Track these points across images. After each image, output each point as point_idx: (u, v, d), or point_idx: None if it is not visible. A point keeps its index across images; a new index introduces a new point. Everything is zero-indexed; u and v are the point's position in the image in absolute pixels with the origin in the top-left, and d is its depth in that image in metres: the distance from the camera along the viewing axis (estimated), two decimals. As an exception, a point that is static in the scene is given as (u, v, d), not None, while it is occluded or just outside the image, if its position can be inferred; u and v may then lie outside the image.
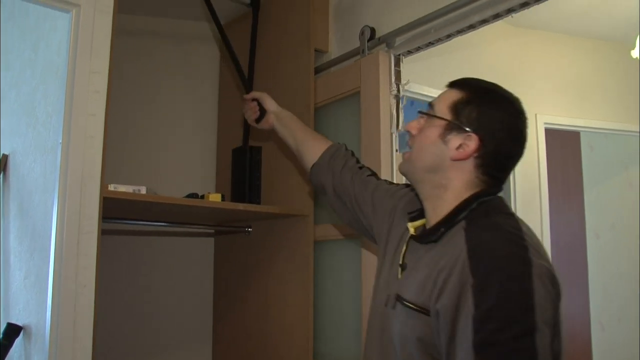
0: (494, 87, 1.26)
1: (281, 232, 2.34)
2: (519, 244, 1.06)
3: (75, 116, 1.67)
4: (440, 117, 1.21)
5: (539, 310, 0.98)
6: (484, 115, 1.19)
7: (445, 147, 1.20)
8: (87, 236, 1.65)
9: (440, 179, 1.21)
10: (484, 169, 1.19)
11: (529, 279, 1.00)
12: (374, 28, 2.20)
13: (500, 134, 1.19)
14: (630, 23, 3.07)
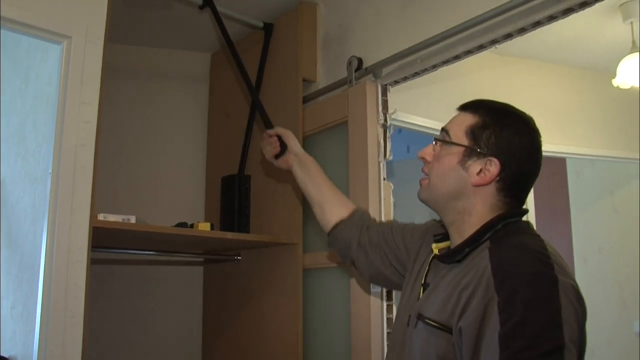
0: (507, 108, 1.27)
1: (270, 260, 2.35)
2: (545, 262, 1.05)
3: (65, 146, 1.68)
4: (458, 143, 1.21)
5: (567, 327, 0.97)
6: (502, 139, 1.19)
7: (465, 173, 1.19)
8: (76, 265, 1.65)
9: (463, 204, 1.20)
10: (506, 191, 1.19)
11: (556, 296, 0.99)
12: (361, 58, 2.23)
13: (520, 156, 1.19)
14: (612, 53, 3.14)
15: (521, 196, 1.22)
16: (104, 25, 1.81)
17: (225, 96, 2.83)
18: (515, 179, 1.19)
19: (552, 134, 3.58)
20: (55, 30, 1.71)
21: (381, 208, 2.06)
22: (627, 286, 4.05)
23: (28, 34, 1.70)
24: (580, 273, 4.27)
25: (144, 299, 2.63)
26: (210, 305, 2.71)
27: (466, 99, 3.26)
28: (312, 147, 2.36)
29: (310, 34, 2.48)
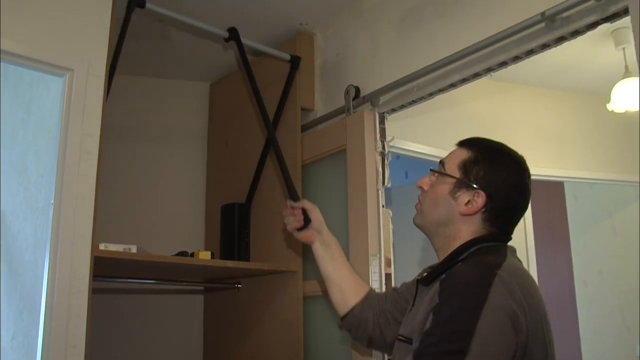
0: (499, 147, 1.36)
1: (270, 288, 2.35)
2: (486, 275, 1.12)
3: (67, 177, 1.70)
4: (450, 175, 1.31)
5: (480, 339, 1.03)
6: (490, 174, 1.28)
7: (454, 203, 1.28)
8: (78, 295, 1.66)
9: (450, 231, 1.29)
10: (491, 222, 1.28)
11: (479, 308, 1.06)
12: (358, 87, 2.27)
13: (506, 191, 1.28)
14: (606, 78, 3.17)
15: (507, 228, 1.31)
16: (106, 58, 1.84)
17: (224, 125, 2.86)
18: (500, 212, 1.28)
19: (549, 158, 3.60)
20: (57, 64, 1.74)
21: (380, 235, 2.08)
22: (628, 309, 4.04)
23: (31, 67, 1.73)
24: (581, 296, 4.26)
25: (145, 327, 2.63)
26: (211, 333, 2.70)
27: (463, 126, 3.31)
28: (311, 175, 2.38)
29: (308, 63, 2.52)
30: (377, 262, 2.07)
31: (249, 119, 2.65)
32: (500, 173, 1.28)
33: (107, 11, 1.88)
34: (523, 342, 1.08)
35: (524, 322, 1.09)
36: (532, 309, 1.12)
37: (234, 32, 2.23)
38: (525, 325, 1.09)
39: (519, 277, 1.17)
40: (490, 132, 3.50)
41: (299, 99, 2.41)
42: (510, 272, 1.16)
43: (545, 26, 1.67)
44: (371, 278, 2.04)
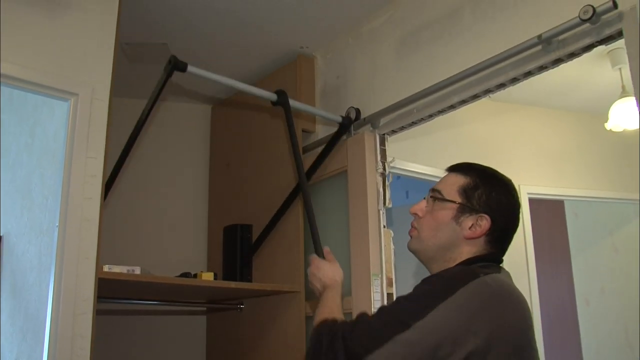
0: (494, 172, 1.40)
1: (273, 308, 2.36)
2: (469, 275, 1.18)
3: (71, 199, 1.72)
4: (452, 200, 1.33)
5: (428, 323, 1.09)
6: (492, 199, 1.32)
7: (458, 227, 1.31)
8: (82, 317, 1.67)
9: (452, 254, 1.32)
10: (493, 243, 1.32)
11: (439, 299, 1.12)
12: (358, 109, 2.30)
13: (506, 213, 1.33)
14: (604, 97, 3.21)
15: (503, 247, 1.36)
16: (110, 82, 1.88)
17: (225, 147, 2.89)
18: (502, 233, 1.33)
19: (549, 177, 3.63)
20: (63, 88, 1.77)
21: (382, 255, 2.09)
22: (631, 327, 4.03)
23: (37, 92, 1.76)
24: (584, 315, 4.25)
25: (148, 348, 2.63)
26: (214, 354, 2.71)
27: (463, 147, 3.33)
28: (313, 197, 2.39)
29: (309, 86, 2.55)
30: (379, 282, 2.08)
31: (250, 141, 2.68)
32: (500, 197, 1.33)
33: (111, 37, 1.92)
34: (479, 347, 1.10)
35: (486, 328, 1.11)
36: (505, 320, 1.15)
37: (283, 95, 2.07)
38: (486, 332, 1.11)
39: (502, 289, 1.20)
40: (490, 152, 3.56)
41: (300, 121, 2.44)
42: (495, 281, 1.20)
43: (542, 49, 1.70)
44: (373, 298, 2.05)
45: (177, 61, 1.85)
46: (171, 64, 1.85)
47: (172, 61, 1.85)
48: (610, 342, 4.08)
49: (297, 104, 2.16)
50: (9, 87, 1.72)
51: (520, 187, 3.46)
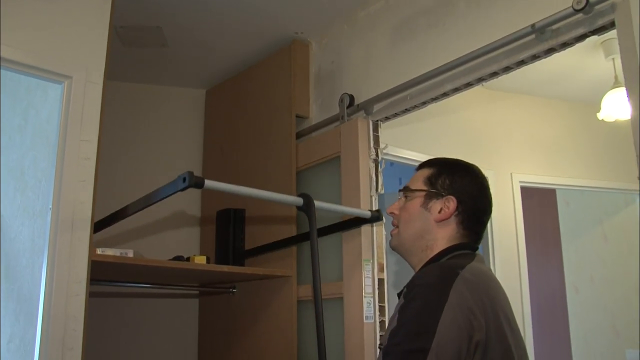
0: (457, 160, 1.48)
1: (265, 292, 2.38)
2: (448, 276, 1.20)
3: (65, 182, 1.73)
4: (418, 189, 1.41)
5: (440, 337, 1.10)
6: (455, 182, 1.40)
7: (428, 213, 1.38)
8: (75, 299, 1.69)
9: (427, 241, 1.38)
10: (464, 224, 1.38)
11: (440, 308, 1.13)
12: (352, 95, 2.30)
13: (472, 193, 1.40)
14: (597, 87, 3.22)
15: (478, 229, 1.41)
16: (104, 65, 1.88)
17: (220, 132, 2.89)
18: (471, 213, 1.39)
19: (541, 166, 3.65)
20: (56, 71, 1.77)
21: (374, 241, 2.11)
22: (619, 315, 4.08)
23: (30, 74, 1.76)
24: (573, 302, 4.30)
25: (141, 331, 2.65)
26: (206, 337, 2.73)
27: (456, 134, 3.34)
28: (306, 182, 2.41)
29: (303, 71, 2.55)
30: (371, 268, 2.10)
31: (245, 126, 2.68)
32: (462, 179, 1.41)
33: (106, 20, 1.91)
34: (483, 340, 1.14)
35: (483, 321, 1.15)
36: (492, 309, 1.20)
37: (307, 199, 1.85)
38: (484, 323, 1.15)
39: (480, 278, 1.25)
40: (483, 140, 3.57)
41: (294, 106, 2.44)
42: (473, 273, 1.24)
43: (535, 38, 1.71)
44: (364, 283, 2.07)
45: (193, 177, 1.67)
46: (186, 182, 1.67)
47: (186, 179, 1.67)
48: (598, 329, 4.13)
49: (323, 204, 1.93)
50: (3, 70, 1.72)
51: (513, 176, 3.48)
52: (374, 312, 2.07)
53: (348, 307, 2.11)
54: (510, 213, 3.49)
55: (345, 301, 2.12)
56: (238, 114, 2.75)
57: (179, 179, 1.65)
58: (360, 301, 2.06)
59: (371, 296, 2.08)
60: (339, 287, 2.16)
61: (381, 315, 2.09)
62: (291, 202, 1.88)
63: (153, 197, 1.78)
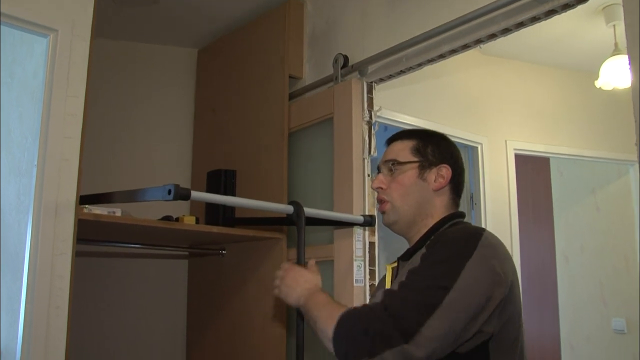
0: (430, 131, 1.53)
1: (255, 254, 2.36)
2: (473, 236, 1.23)
3: (51, 139, 1.69)
4: (411, 161, 1.42)
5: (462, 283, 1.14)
6: (443, 150, 1.45)
7: (425, 183, 1.41)
8: (61, 257, 1.66)
9: (426, 209, 1.41)
10: (455, 189, 1.44)
11: (465, 260, 1.17)
12: (347, 56, 2.25)
13: (457, 159, 1.46)
14: (595, 54, 3.18)
15: (460, 193, 1.47)
16: (91, 19, 1.82)
17: (211, 92, 2.84)
18: (459, 179, 1.46)
19: (536, 134, 3.62)
20: (41, 23, 1.71)
21: (365, 203, 2.09)
22: (607, 284, 4.11)
23: (14, 26, 1.70)
24: (562, 271, 4.33)
25: (129, 291, 2.64)
26: (195, 298, 2.72)
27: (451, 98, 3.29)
28: (298, 143, 2.38)
29: (297, 31, 2.49)
30: (362, 231, 2.08)
31: (237, 86, 2.64)
32: (447, 147, 1.46)
33: (93, -29, 1.85)
34: (504, 296, 1.19)
35: (504, 279, 1.20)
36: (509, 269, 1.24)
37: (297, 206, 1.80)
38: (506, 280, 1.20)
39: (498, 241, 1.29)
40: (478, 106, 3.54)
41: (287, 66, 2.40)
42: (493, 237, 1.28)
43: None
44: (355, 246, 2.06)
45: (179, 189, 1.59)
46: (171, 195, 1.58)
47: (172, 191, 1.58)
48: (586, 298, 4.17)
49: (314, 211, 1.88)
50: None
51: (507, 143, 3.46)
52: (364, 276, 2.06)
53: (338, 270, 2.10)
54: (503, 181, 3.47)
55: (336, 264, 2.11)
56: (230, 74, 2.70)
57: (164, 190, 1.59)
58: (351, 264, 2.05)
59: (362, 259, 2.07)
60: (329, 250, 2.14)
61: (371, 278, 2.08)
62: (281, 210, 1.82)
63: (137, 196, 1.73)
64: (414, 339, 1.09)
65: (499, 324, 1.19)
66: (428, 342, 1.09)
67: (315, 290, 1.42)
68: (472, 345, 1.17)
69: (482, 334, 1.17)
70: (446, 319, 1.11)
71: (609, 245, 4.12)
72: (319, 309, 1.31)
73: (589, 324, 4.12)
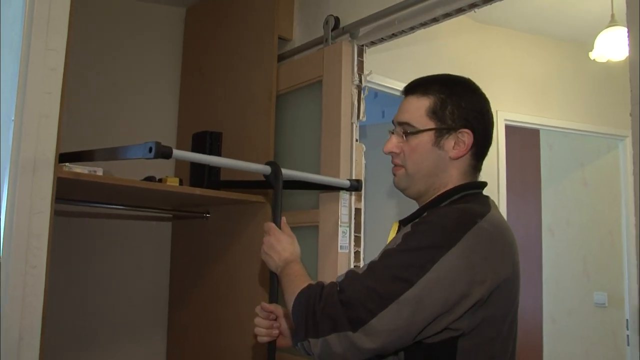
0: (453, 78, 1.32)
1: (239, 218, 2.33)
2: (466, 222, 1.12)
3: (29, 93, 1.63)
4: (426, 129, 1.25)
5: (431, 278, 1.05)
6: (464, 110, 1.25)
7: (442, 151, 1.25)
8: (39, 216, 1.62)
9: (441, 178, 1.26)
10: (478, 155, 1.28)
11: (445, 250, 1.07)
12: (338, 17, 2.20)
13: (482, 119, 1.27)
14: (590, 25, 3.13)
15: (485, 154, 1.31)
16: (73, -31, 1.74)
17: (199, 52, 2.78)
18: (484, 142, 1.28)
19: (527, 105, 3.59)
20: (18, -30, 1.64)
21: (352, 168, 2.05)
22: (590, 259, 4.14)
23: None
24: (547, 245, 4.35)
25: (111, 253, 2.60)
26: (178, 262, 2.70)
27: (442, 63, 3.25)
28: (286, 106, 2.34)
29: (288, -9, 2.43)
30: (348, 196, 2.05)
31: (225, 46, 2.57)
32: (471, 104, 1.26)
33: None
34: (484, 296, 1.09)
35: (489, 278, 1.10)
36: (503, 265, 1.14)
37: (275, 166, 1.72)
38: (490, 280, 1.09)
39: (498, 230, 1.17)
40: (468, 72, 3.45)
41: (277, 27, 2.33)
42: (492, 224, 1.16)
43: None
44: (340, 212, 2.03)
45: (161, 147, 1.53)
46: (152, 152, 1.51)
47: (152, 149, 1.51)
48: (569, 272, 4.20)
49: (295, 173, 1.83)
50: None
51: (498, 113, 3.43)
52: (349, 242, 2.04)
53: (323, 235, 2.07)
54: (493, 151, 3.41)
55: (321, 230, 2.08)
56: (219, 34, 2.63)
57: (145, 147, 1.51)
58: (336, 230, 2.02)
59: (347, 225, 2.04)
60: (314, 215, 2.11)
61: (356, 245, 2.05)
62: (258, 170, 1.74)
63: (118, 154, 1.67)
64: (363, 328, 1.04)
65: (473, 324, 1.10)
66: (377, 335, 1.04)
67: (290, 260, 1.38)
68: (437, 339, 1.10)
69: (451, 331, 1.09)
70: (400, 315, 1.04)
71: (595, 220, 4.13)
72: (289, 280, 1.29)
73: (572, 297, 4.16)
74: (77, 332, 2.47)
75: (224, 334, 2.33)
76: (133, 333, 2.65)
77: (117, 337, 2.61)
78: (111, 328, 2.58)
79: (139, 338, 2.67)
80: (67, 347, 2.42)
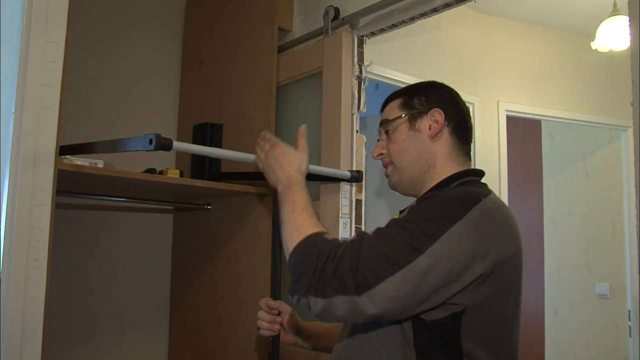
0: (423, 82, 1.45)
1: (240, 210, 2.33)
2: (471, 199, 1.15)
3: (29, 86, 1.63)
4: (398, 117, 1.37)
5: (439, 247, 1.06)
6: (431, 96, 1.38)
7: (419, 133, 1.35)
8: (40, 209, 1.62)
9: (426, 160, 1.34)
10: (457, 133, 1.36)
11: (451, 222, 1.09)
12: (338, 8, 2.19)
13: (450, 101, 1.38)
14: (592, 15, 3.12)
15: (468, 138, 1.39)
16: (72, -39, 1.74)
17: (199, 43, 2.77)
18: (458, 121, 1.37)
19: (528, 96, 3.58)
20: (19, -36, 1.64)
21: (353, 160, 2.05)
22: (592, 250, 4.14)
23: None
24: (549, 236, 4.35)
25: (112, 245, 2.60)
26: (179, 254, 2.70)
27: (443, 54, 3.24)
28: (286, 97, 2.33)
29: (288, -19, 2.42)
30: (348, 187, 2.05)
31: (225, 38, 2.56)
32: (436, 92, 1.39)
33: None
34: (487, 270, 1.10)
35: (493, 253, 1.11)
36: (507, 242, 1.16)
37: None
38: (493, 255, 1.11)
39: (500, 210, 1.20)
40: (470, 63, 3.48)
41: (277, 18, 2.32)
42: (494, 203, 1.20)
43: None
44: (341, 203, 2.03)
45: (161, 139, 1.54)
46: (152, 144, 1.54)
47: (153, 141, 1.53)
48: (571, 263, 4.21)
49: None
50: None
51: (499, 104, 3.42)
52: (350, 233, 2.04)
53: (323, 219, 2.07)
54: (494, 142, 3.45)
55: (321, 221, 2.08)
56: (219, 25, 2.62)
57: (145, 139, 1.53)
58: (337, 221, 2.02)
59: (347, 217, 2.04)
60: (315, 206, 2.10)
61: (357, 236, 2.05)
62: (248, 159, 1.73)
63: (118, 146, 1.68)
64: (369, 292, 1.04)
65: (475, 300, 1.11)
66: (381, 300, 1.04)
67: (295, 180, 1.35)
68: (440, 315, 1.11)
69: (454, 306, 1.10)
70: (407, 282, 1.04)
71: (597, 211, 4.13)
72: (292, 210, 1.26)
73: (573, 289, 4.16)
74: (79, 323, 2.47)
75: (225, 325, 2.33)
76: (135, 324, 2.65)
77: (119, 329, 2.61)
78: (113, 320, 2.59)
79: (141, 329, 2.67)
80: (70, 338, 2.43)
